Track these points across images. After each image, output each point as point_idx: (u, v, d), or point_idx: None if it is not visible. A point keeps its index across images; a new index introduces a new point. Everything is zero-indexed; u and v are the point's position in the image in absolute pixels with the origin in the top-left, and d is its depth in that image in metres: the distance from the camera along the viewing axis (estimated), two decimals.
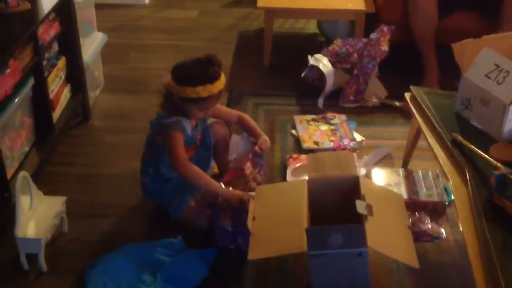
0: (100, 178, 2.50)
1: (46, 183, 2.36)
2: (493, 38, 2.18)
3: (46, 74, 2.50)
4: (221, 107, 2.35)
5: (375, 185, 2.13)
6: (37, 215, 2.08)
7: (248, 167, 2.20)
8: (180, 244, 2.05)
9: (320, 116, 2.89)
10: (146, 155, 2.29)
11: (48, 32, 2.48)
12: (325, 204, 1.96)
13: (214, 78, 2.07)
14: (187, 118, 2.16)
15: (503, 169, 1.76)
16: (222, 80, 2.10)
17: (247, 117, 2.38)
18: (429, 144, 2.08)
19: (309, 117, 2.89)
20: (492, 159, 1.83)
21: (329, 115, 2.89)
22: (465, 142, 1.95)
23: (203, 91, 2.05)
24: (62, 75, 2.70)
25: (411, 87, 2.33)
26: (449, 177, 1.88)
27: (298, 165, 2.47)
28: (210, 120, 2.35)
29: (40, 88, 2.45)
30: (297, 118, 2.88)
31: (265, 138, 2.31)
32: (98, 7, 3.27)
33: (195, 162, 2.22)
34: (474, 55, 2.08)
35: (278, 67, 3.42)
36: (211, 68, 2.07)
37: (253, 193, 2.03)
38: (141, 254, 2.00)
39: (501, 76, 1.97)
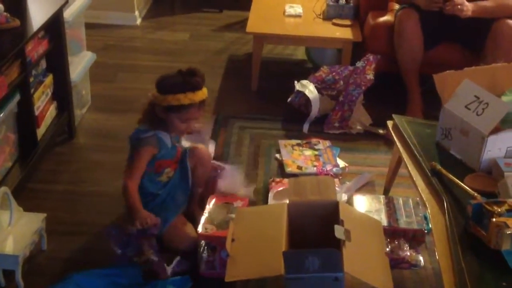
0: (82, 196, 2.50)
1: (27, 199, 2.35)
2: (474, 70, 2.23)
3: (32, 90, 2.52)
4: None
5: (354, 210, 2.14)
6: (16, 231, 2.07)
7: None
8: (133, 270, 2.03)
9: (304, 141, 2.91)
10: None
11: (36, 49, 2.50)
12: (304, 228, 1.97)
13: (196, 87, 2.12)
14: (165, 131, 2.18)
15: (479, 199, 1.79)
16: (204, 91, 2.15)
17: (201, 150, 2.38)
18: (409, 172, 2.11)
19: (294, 142, 2.91)
20: (469, 189, 1.86)
21: (314, 140, 2.92)
22: (444, 171, 1.97)
23: (184, 98, 2.09)
24: (49, 92, 2.71)
25: (394, 116, 2.37)
26: (427, 205, 1.90)
27: (280, 188, 2.49)
28: (192, 144, 2.36)
29: (26, 105, 2.46)
30: (282, 143, 2.90)
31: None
32: (89, 26, 3.30)
33: (179, 178, 2.24)
34: (455, 86, 2.12)
35: (265, 92, 3.46)
36: (193, 78, 2.13)
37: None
38: (93, 283, 1.98)
39: (480, 108, 2.00)
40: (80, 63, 3.00)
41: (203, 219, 2.12)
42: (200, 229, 2.08)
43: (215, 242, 2.05)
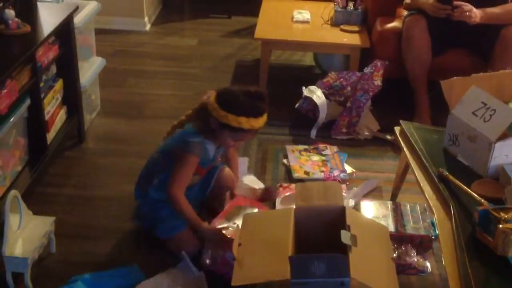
0: (90, 200, 2.52)
1: (36, 203, 2.37)
2: (481, 76, 2.23)
3: (42, 95, 2.54)
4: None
5: (361, 216, 2.15)
6: (25, 234, 2.09)
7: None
8: (136, 272, 2.06)
9: (312, 147, 2.92)
10: (155, 165, 2.25)
11: (47, 55, 2.53)
12: (311, 233, 1.98)
13: (260, 113, 2.07)
14: (213, 142, 2.16)
15: (486, 205, 1.79)
16: (265, 118, 2.10)
17: (235, 161, 2.40)
18: (416, 178, 2.11)
19: (301, 147, 2.92)
20: (476, 195, 1.86)
21: (321, 146, 2.93)
22: (451, 178, 1.97)
23: (246, 123, 2.04)
24: (59, 97, 2.73)
25: (401, 122, 2.37)
26: (434, 212, 1.90)
27: (287, 194, 2.50)
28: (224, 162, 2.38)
29: (36, 109, 2.48)
30: (289, 148, 2.91)
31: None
32: (99, 32, 3.33)
33: (198, 188, 2.26)
34: (462, 93, 2.12)
35: (273, 97, 3.40)
36: (260, 103, 2.08)
37: (230, 225, 2.06)
38: (100, 285, 2.00)
39: (487, 114, 2.00)
40: (90, 69, 3.03)
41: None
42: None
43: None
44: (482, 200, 1.83)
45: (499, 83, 2.20)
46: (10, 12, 2.40)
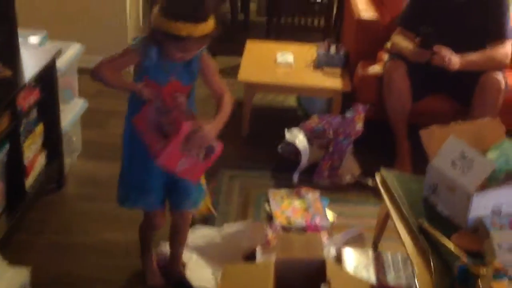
0: (68, 247, 2.48)
1: (13, 251, 2.34)
2: (460, 125, 2.25)
3: (22, 139, 2.52)
4: (214, 77, 2.15)
5: (341, 270, 2.13)
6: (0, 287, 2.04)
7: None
8: None
9: (294, 191, 2.92)
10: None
11: (27, 99, 2.51)
12: (292, 286, 1.96)
13: (199, 19, 1.86)
14: (156, 47, 1.97)
15: (465, 259, 1.78)
16: (209, 25, 1.89)
17: (225, 101, 2.17)
18: (396, 228, 2.11)
19: (283, 191, 2.92)
20: (456, 248, 1.86)
21: (303, 190, 2.92)
22: (431, 229, 1.97)
23: (182, 29, 1.85)
24: (39, 141, 2.71)
25: (381, 170, 2.38)
26: (414, 263, 1.90)
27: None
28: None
29: (15, 154, 2.46)
30: (271, 192, 2.90)
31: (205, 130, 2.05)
32: (81, 71, 3.32)
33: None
34: (441, 142, 2.14)
35: (256, 138, 3.47)
36: (200, 6, 1.87)
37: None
38: None
39: (466, 165, 2.01)
40: (71, 111, 3.01)
41: None
42: None
43: None
44: (462, 254, 1.83)
45: (477, 132, 2.22)
46: None
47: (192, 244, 2.43)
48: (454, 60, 2.92)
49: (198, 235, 2.51)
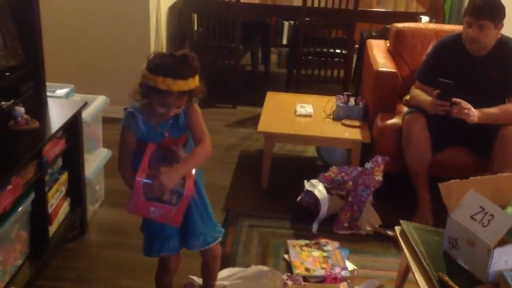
0: None
1: None
2: (479, 179, 2.25)
3: (47, 188, 2.58)
4: (197, 126, 2.16)
5: None
6: None
7: None
8: None
9: (313, 242, 2.92)
10: None
11: (53, 150, 2.59)
12: None
13: (179, 75, 1.97)
14: (143, 111, 2.09)
15: None
16: (189, 83, 1.99)
17: (197, 148, 2.14)
18: (416, 282, 2.09)
19: (303, 242, 2.92)
20: None
21: (323, 241, 2.92)
22: (451, 283, 1.96)
23: (162, 83, 1.96)
24: (63, 189, 2.77)
25: (401, 222, 2.37)
26: None
27: None
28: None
29: (40, 203, 2.51)
30: (291, 243, 2.91)
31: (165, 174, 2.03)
32: (106, 120, 3.41)
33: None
34: (461, 196, 2.14)
35: (275, 189, 3.50)
36: (182, 66, 2.00)
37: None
38: None
39: (486, 219, 2.01)
40: (95, 160, 3.08)
41: None
42: None
43: None
44: None
45: (497, 187, 2.22)
46: (20, 109, 2.48)
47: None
48: (473, 112, 2.94)
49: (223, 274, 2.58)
